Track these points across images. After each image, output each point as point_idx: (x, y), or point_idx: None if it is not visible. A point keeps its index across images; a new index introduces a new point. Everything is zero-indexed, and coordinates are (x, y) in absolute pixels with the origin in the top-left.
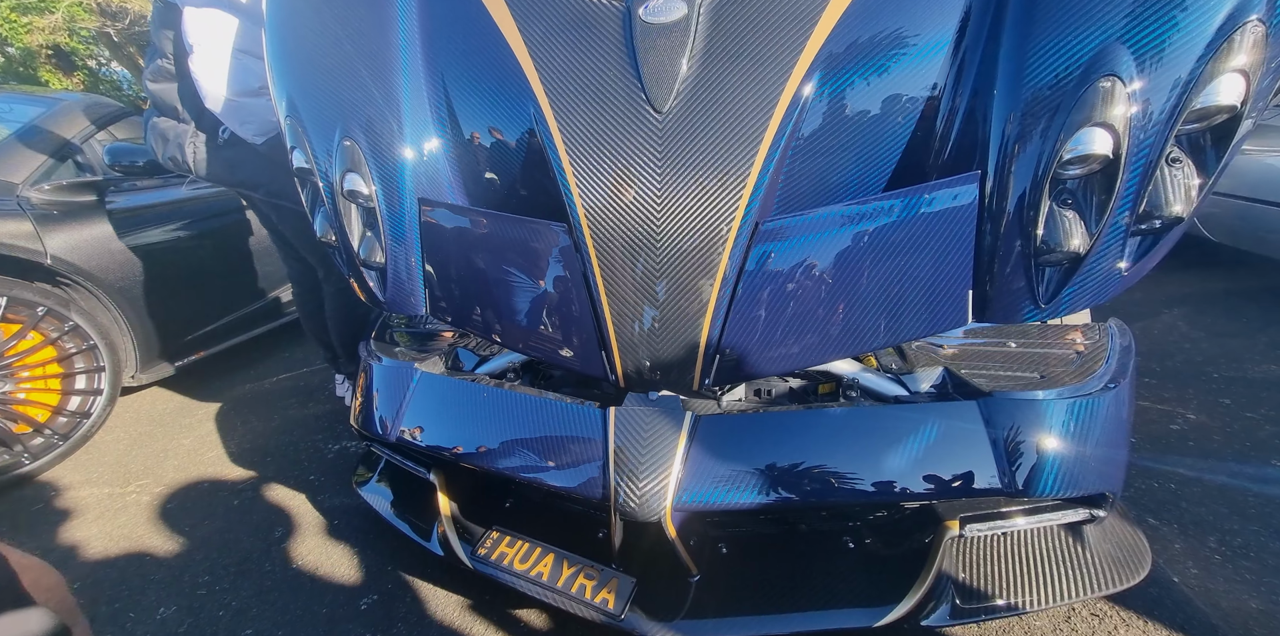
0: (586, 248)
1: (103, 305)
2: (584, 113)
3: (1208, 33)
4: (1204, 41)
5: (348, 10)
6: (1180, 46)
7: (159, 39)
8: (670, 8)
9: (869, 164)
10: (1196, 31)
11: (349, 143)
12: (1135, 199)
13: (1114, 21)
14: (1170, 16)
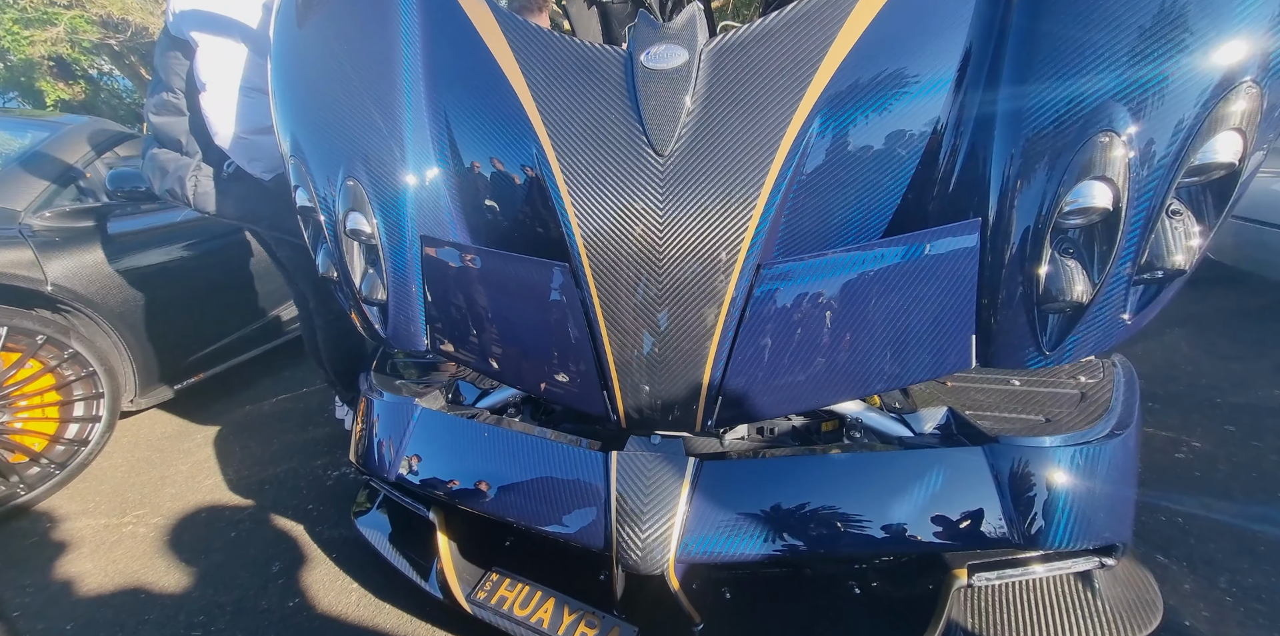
0: (588, 287)
1: (102, 331)
2: (586, 155)
3: (1203, 92)
4: (1200, 100)
5: (352, 50)
6: (1176, 104)
7: (165, 73)
8: (671, 54)
9: (870, 207)
10: (1191, 90)
11: (352, 182)
12: (1137, 250)
13: (1110, 77)
14: (1165, 74)
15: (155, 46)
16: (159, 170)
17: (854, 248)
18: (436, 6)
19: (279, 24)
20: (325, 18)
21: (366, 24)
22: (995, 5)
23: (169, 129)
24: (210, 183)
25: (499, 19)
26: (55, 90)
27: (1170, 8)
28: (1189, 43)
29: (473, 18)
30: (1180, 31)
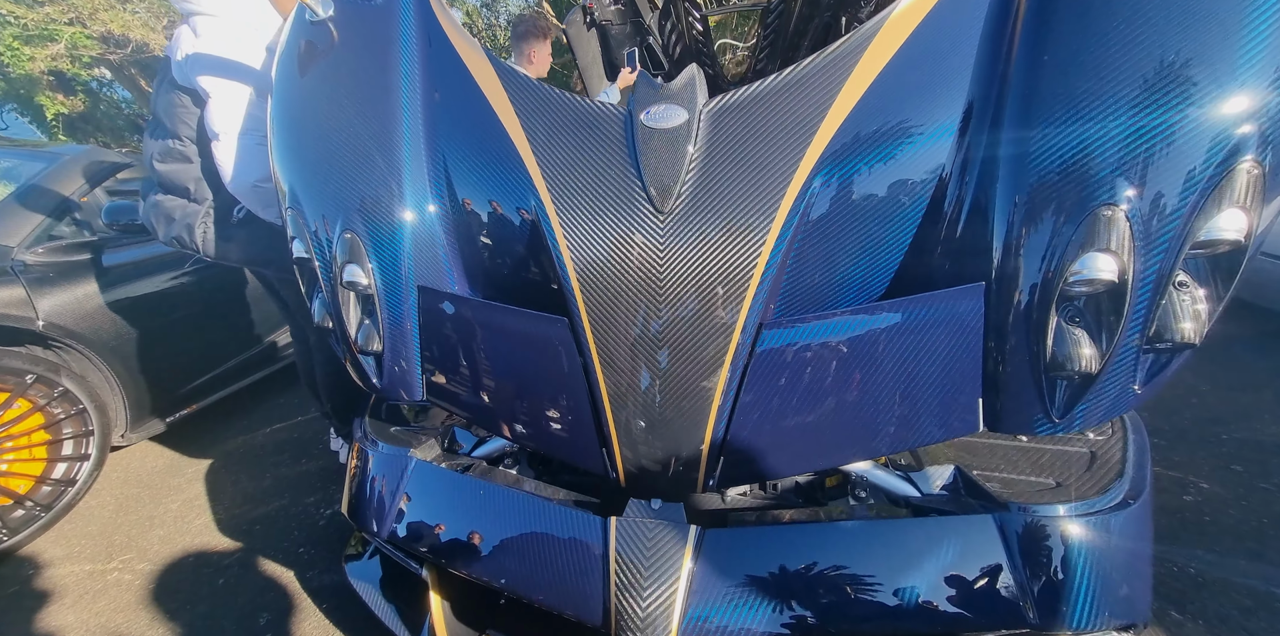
0: (587, 344)
1: (94, 366)
2: (585, 210)
3: (1205, 169)
4: (1203, 176)
5: (351, 101)
6: (1178, 180)
7: (171, 120)
8: (671, 114)
9: (872, 266)
10: (1193, 167)
11: (350, 235)
12: (1145, 322)
13: (1109, 148)
14: (1165, 151)
15: (157, 91)
16: (164, 217)
17: (857, 309)
18: (437, 59)
19: (280, 71)
20: (326, 68)
21: (367, 75)
22: (995, 60)
23: (176, 176)
24: (221, 229)
25: (499, 73)
26: (54, 104)
27: (1171, 65)
28: (1190, 115)
29: (474, 71)
30: (1182, 97)
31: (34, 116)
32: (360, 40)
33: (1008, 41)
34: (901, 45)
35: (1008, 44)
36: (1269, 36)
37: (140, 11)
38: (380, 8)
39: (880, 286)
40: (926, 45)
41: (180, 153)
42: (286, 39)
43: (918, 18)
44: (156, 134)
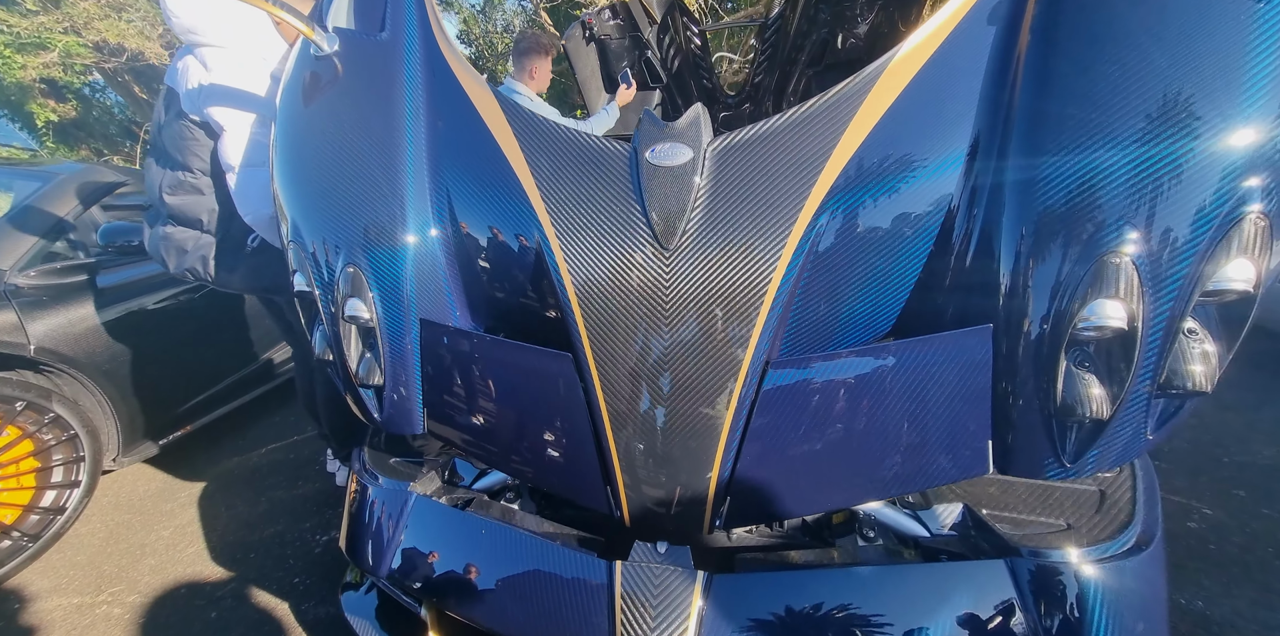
0: (592, 380)
1: (87, 389)
2: (590, 245)
3: (1212, 217)
4: (1210, 224)
5: (355, 134)
6: (1184, 228)
7: (182, 154)
8: (675, 152)
9: (878, 303)
10: (1199, 214)
11: (352, 269)
12: (1155, 368)
13: (1116, 192)
14: (1170, 197)
15: (162, 120)
16: (175, 249)
17: (865, 349)
18: (442, 93)
19: (284, 103)
20: (329, 102)
21: (371, 109)
22: (999, 99)
23: (189, 208)
24: (235, 259)
25: (504, 108)
26: (45, 111)
27: (1175, 105)
28: (1195, 160)
29: (478, 106)
30: (1188, 139)
31: (24, 123)
32: (364, 74)
33: (1011, 82)
34: (906, 86)
35: (1011, 84)
36: (1271, 80)
37: (136, 20)
38: (385, 42)
39: (887, 323)
40: (930, 85)
41: (192, 185)
42: (290, 71)
43: (922, 59)
44: (165, 164)
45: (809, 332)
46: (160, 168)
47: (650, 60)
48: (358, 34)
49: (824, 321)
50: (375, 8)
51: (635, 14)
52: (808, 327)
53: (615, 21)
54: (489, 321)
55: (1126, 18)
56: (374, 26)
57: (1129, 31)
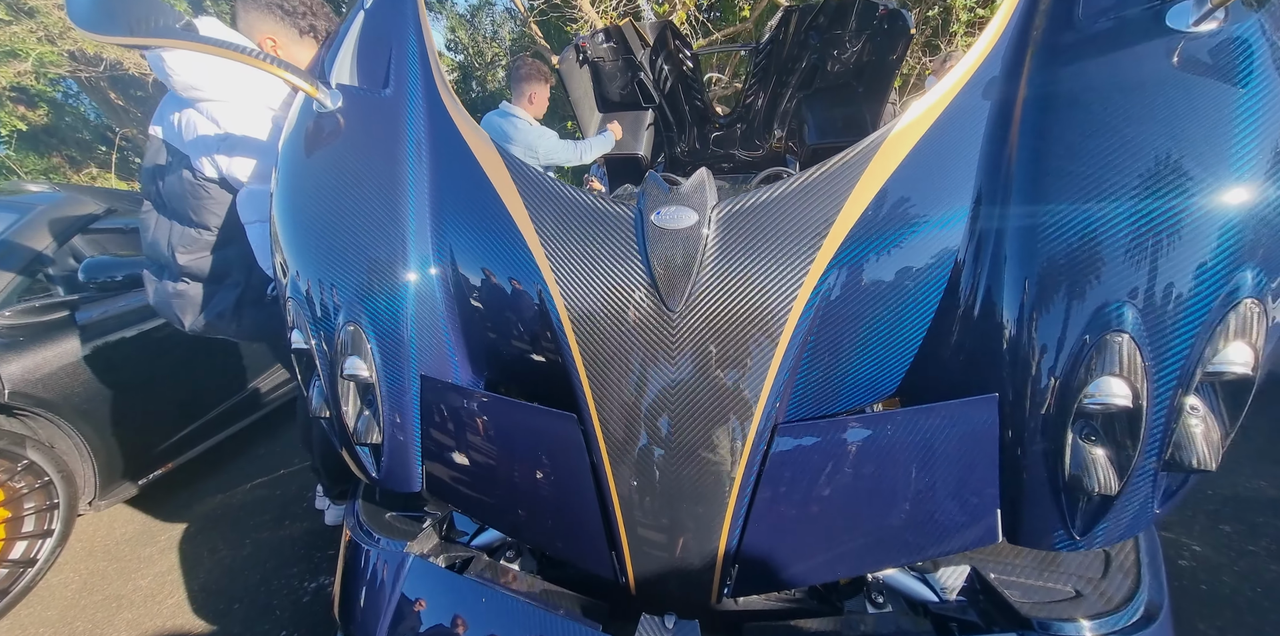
0: (597, 442)
1: (63, 432)
2: (595, 307)
3: (1208, 301)
4: (1207, 308)
5: (356, 188)
6: (1182, 311)
7: (198, 212)
8: (681, 216)
9: (884, 364)
10: (1197, 298)
11: (353, 327)
12: (1161, 445)
13: (1120, 277)
14: (1168, 279)
15: (160, 174)
16: (190, 306)
17: (872, 416)
18: (445, 150)
19: (285, 155)
20: (330, 159)
21: (372, 165)
22: (997, 167)
23: (206, 264)
24: (258, 309)
25: (509, 166)
26: (13, 119)
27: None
28: (1191, 241)
29: (483, 163)
30: (1181, 217)
31: None
32: (367, 130)
33: (1008, 153)
34: (906, 155)
35: (1008, 154)
36: (1251, 167)
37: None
38: (388, 98)
39: (892, 383)
40: (930, 154)
41: (208, 241)
42: (292, 124)
43: (921, 130)
44: (174, 220)
45: (815, 394)
46: (168, 224)
47: (643, 81)
48: (361, 90)
49: (830, 382)
50: (378, 64)
51: (628, 37)
52: (814, 389)
53: (609, 44)
54: (491, 379)
55: (1115, 100)
56: (377, 82)
57: (1117, 115)
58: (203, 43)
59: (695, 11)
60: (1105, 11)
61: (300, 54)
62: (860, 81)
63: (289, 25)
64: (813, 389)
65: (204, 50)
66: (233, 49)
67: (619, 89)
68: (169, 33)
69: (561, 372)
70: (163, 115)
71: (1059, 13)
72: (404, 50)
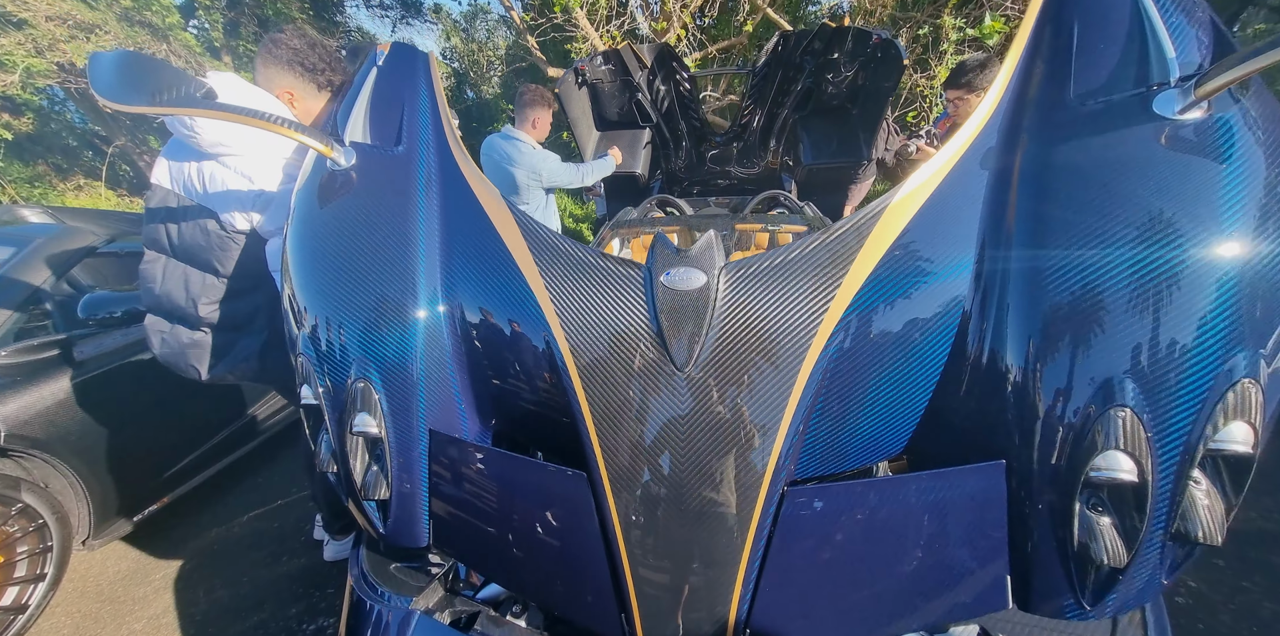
0: (607, 501)
1: (58, 472)
2: (605, 366)
3: (1206, 384)
4: (1204, 388)
5: (366, 249)
6: (1184, 390)
7: (223, 264)
8: (690, 277)
9: (891, 421)
10: (1196, 378)
11: (362, 384)
12: (1168, 519)
13: (1121, 351)
14: (1169, 357)
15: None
16: (210, 355)
17: (882, 480)
18: (456, 207)
19: (298, 210)
20: (342, 214)
21: (384, 221)
22: (998, 231)
23: (229, 313)
24: (280, 354)
25: (519, 222)
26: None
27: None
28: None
29: (494, 220)
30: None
31: None
32: (379, 188)
33: (1007, 219)
34: (909, 220)
35: (1008, 221)
36: (1245, 244)
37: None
38: (401, 155)
39: (900, 441)
40: (932, 220)
41: (234, 290)
42: (305, 178)
43: (923, 197)
44: (196, 268)
45: (823, 452)
46: (183, 275)
47: (640, 101)
48: (374, 148)
49: (838, 442)
50: (391, 120)
51: (627, 59)
52: (822, 447)
53: (607, 66)
54: (499, 430)
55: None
56: (390, 139)
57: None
58: (223, 110)
59: (692, 26)
60: (1095, 94)
61: (317, 107)
62: (855, 104)
63: (308, 80)
64: (821, 447)
65: (225, 118)
66: (250, 115)
67: (617, 109)
68: (192, 101)
69: (570, 429)
70: (172, 167)
71: (1050, 91)
72: (415, 107)
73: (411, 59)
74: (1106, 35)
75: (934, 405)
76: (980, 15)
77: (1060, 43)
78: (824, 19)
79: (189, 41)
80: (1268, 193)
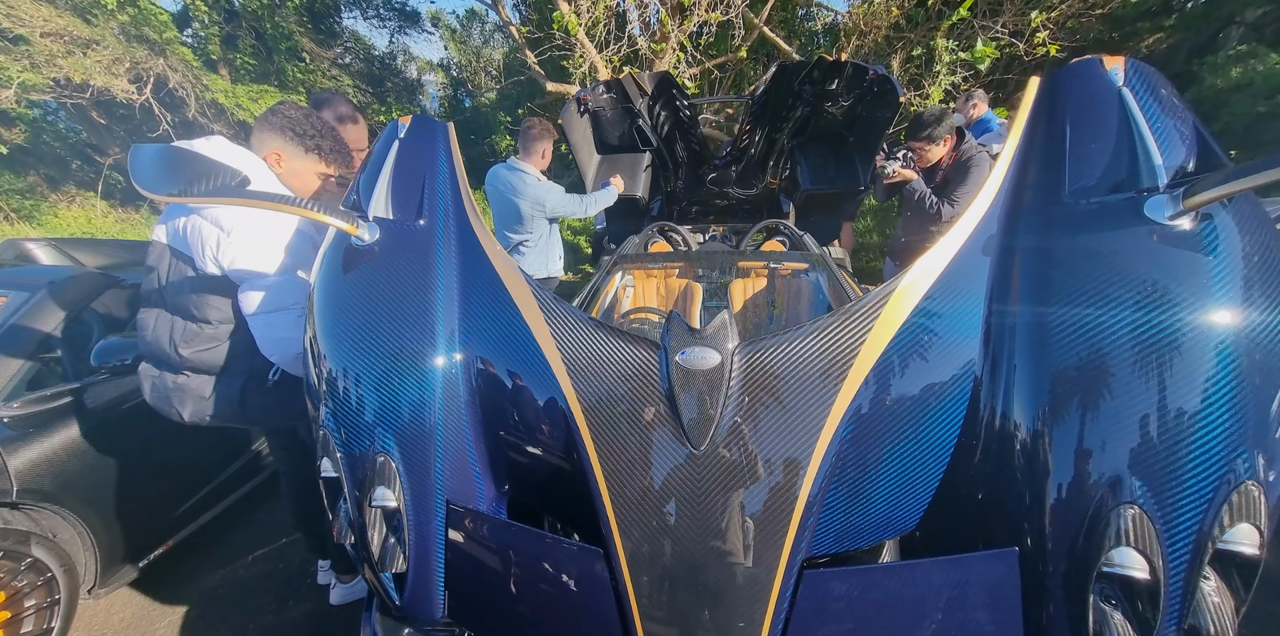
0: (623, 578)
1: (66, 522)
2: (622, 444)
3: (1211, 486)
4: (1209, 490)
5: (387, 321)
6: (1191, 491)
7: (200, 309)
8: (704, 356)
9: (905, 500)
10: (1202, 481)
11: (383, 458)
12: (1180, 616)
13: (1127, 447)
14: (1173, 464)
15: (169, 281)
16: (191, 397)
17: (898, 565)
18: (476, 281)
19: (321, 283)
20: (366, 284)
21: (406, 293)
22: (1003, 322)
23: (209, 357)
24: (259, 396)
25: (538, 297)
26: None
27: (1155, 340)
28: (1197, 431)
29: (513, 294)
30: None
31: None
32: (401, 263)
33: (1011, 301)
34: (918, 302)
35: (1012, 309)
36: (1242, 349)
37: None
38: (422, 230)
39: (912, 520)
40: (938, 302)
41: (211, 335)
42: (327, 253)
43: (929, 281)
44: (177, 316)
45: (838, 529)
46: (169, 322)
47: (641, 127)
48: (396, 223)
49: (853, 519)
50: (412, 194)
51: (628, 87)
52: (836, 525)
53: (609, 95)
54: (515, 503)
55: (1099, 272)
56: (412, 214)
57: (1102, 288)
58: (255, 198)
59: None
60: (1089, 193)
61: (301, 167)
62: (851, 132)
63: (296, 143)
64: (836, 525)
65: (258, 205)
66: (280, 201)
67: (618, 134)
68: (227, 190)
69: (586, 501)
70: (166, 223)
71: (1047, 186)
72: (435, 179)
73: (431, 130)
74: (1097, 135)
75: (946, 482)
76: (972, 36)
77: (1054, 138)
78: (819, 51)
79: (186, 56)
80: (1256, 294)
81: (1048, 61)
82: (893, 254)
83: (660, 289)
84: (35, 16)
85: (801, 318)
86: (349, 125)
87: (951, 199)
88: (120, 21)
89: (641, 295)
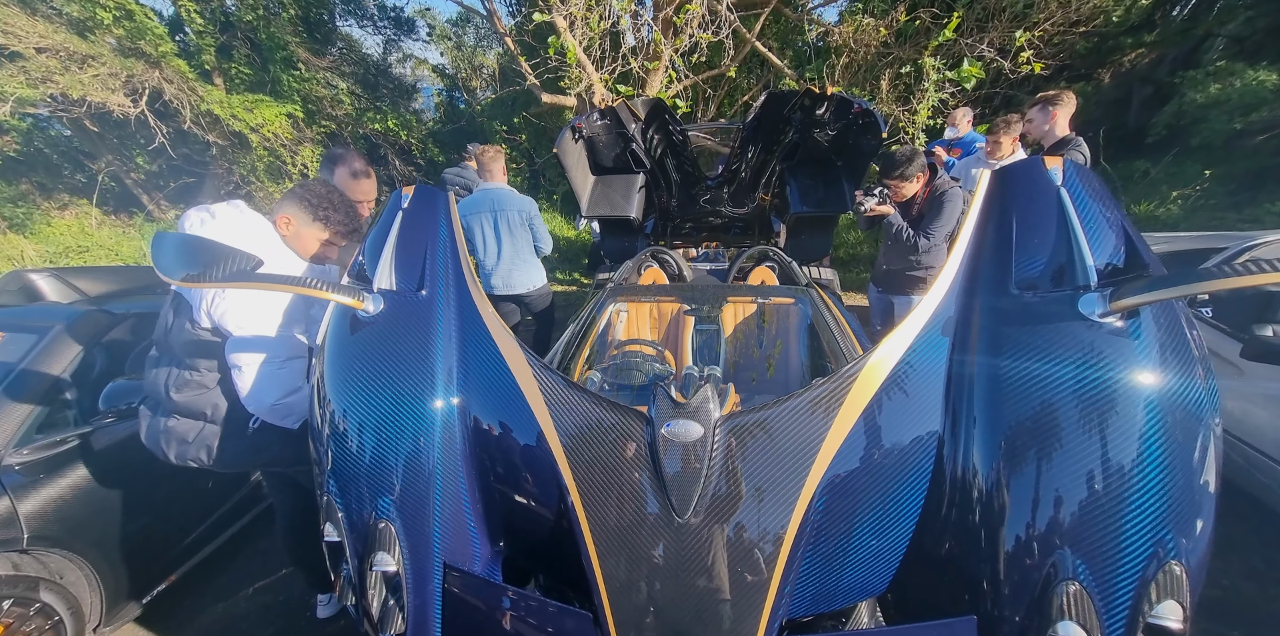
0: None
1: (74, 564)
2: (612, 511)
3: (1140, 565)
4: (1139, 569)
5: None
6: (1120, 573)
7: (189, 356)
8: (688, 430)
9: (875, 565)
10: (1131, 562)
11: (384, 524)
12: None
13: (1069, 522)
14: (1107, 546)
15: (171, 328)
16: (177, 440)
17: (865, 631)
18: (475, 350)
19: (328, 350)
20: (367, 353)
21: (407, 363)
22: (960, 396)
23: (195, 403)
24: (239, 441)
25: (533, 367)
26: None
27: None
28: (1128, 515)
29: (510, 365)
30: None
31: None
32: (403, 332)
33: (968, 382)
34: (885, 378)
35: (968, 384)
36: (1158, 449)
37: (100, 74)
38: (424, 300)
39: (882, 583)
40: (903, 379)
41: (199, 382)
42: (333, 322)
43: (894, 359)
44: (171, 364)
45: (813, 593)
46: (165, 367)
47: (635, 151)
48: (399, 295)
49: (829, 582)
50: (415, 264)
51: (622, 114)
52: (814, 588)
53: (603, 122)
54: (511, 568)
55: (1038, 368)
56: (413, 284)
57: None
58: (268, 281)
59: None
60: (1032, 286)
61: (306, 232)
62: (840, 157)
63: (308, 211)
64: (812, 588)
65: (270, 287)
66: (291, 283)
67: (612, 157)
68: (242, 275)
69: (575, 562)
70: None
71: (996, 278)
72: (436, 248)
73: (433, 200)
74: (1038, 232)
75: (914, 545)
76: (959, 54)
77: (1003, 230)
78: (810, 69)
79: (182, 69)
80: (1173, 378)
81: (1033, 77)
82: (875, 280)
83: (653, 312)
84: (31, 32)
85: (789, 345)
86: (362, 180)
87: (927, 232)
88: (116, 35)
89: (635, 320)
